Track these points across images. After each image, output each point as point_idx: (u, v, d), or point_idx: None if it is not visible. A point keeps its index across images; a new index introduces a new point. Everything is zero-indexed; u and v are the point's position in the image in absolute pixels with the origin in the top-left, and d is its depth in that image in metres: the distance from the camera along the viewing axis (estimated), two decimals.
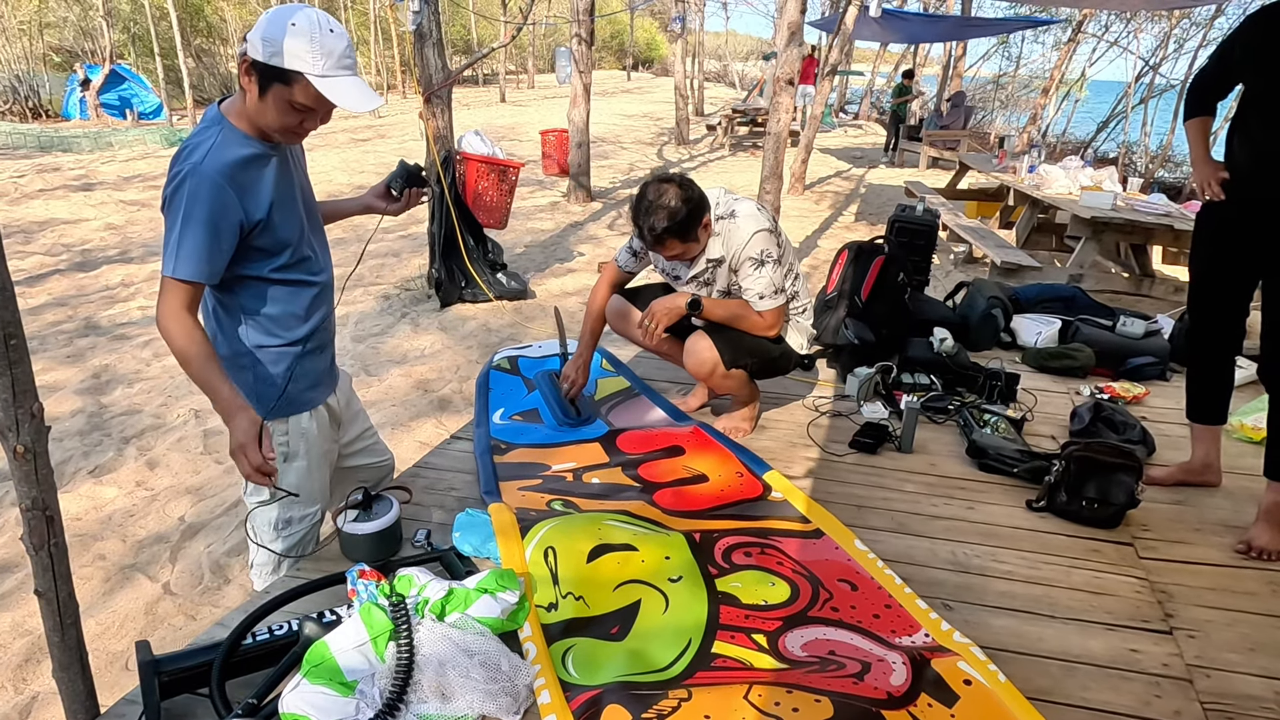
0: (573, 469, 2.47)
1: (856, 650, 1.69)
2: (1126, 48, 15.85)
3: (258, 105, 1.60)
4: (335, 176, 10.71)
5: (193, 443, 3.62)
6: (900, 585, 1.91)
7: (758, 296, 2.49)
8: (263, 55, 1.54)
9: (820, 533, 2.13)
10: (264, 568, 1.99)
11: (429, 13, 5.04)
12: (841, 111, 25.92)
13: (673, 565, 1.94)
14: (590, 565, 1.90)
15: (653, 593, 1.85)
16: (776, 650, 1.69)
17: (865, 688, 1.56)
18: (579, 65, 8.82)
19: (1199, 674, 1.76)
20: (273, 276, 1.73)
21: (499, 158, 5.57)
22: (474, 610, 1.68)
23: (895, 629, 1.77)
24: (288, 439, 1.87)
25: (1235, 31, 2.36)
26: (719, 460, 2.51)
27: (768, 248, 2.46)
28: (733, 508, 2.26)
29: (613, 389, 3.08)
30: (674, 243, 2.39)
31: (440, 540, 2.10)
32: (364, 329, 5.18)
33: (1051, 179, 5.96)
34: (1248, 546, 2.23)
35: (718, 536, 2.08)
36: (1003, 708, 1.53)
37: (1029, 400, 3.12)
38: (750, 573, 1.95)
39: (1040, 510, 2.38)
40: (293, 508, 1.93)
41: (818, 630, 1.76)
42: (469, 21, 31.34)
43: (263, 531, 1.93)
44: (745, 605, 1.83)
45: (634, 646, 1.70)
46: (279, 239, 1.70)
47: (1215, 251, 2.41)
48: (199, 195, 1.54)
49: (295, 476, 1.89)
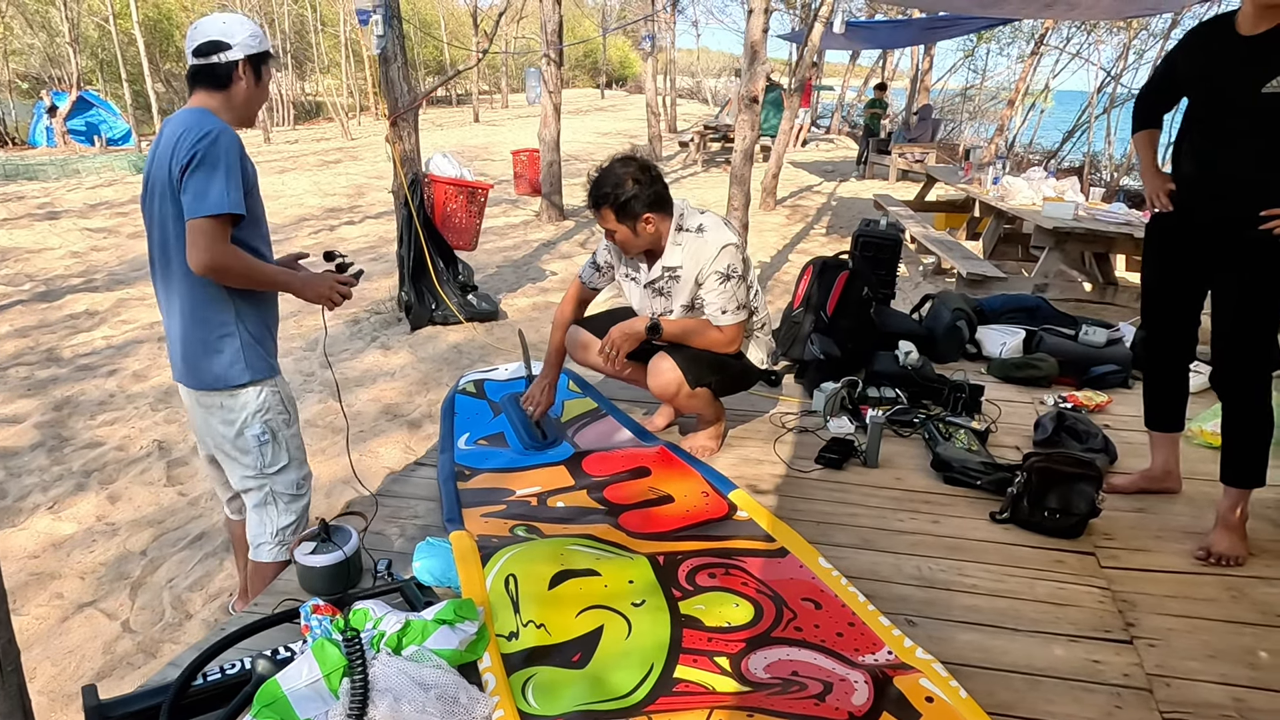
0: (537, 493, 2.45)
1: (819, 670, 1.68)
2: (1088, 59, 16.14)
3: (254, 93, 1.96)
4: (306, 200, 10.66)
5: (156, 474, 3.56)
6: (864, 603, 1.90)
7: (720, 311, 2.49)
8: (256, 46, 1.93)
9: (785, 551, 2.13)
10: (285, 532, 2.14)
11: (393, 36, 5.04)
12: (814, 126, 26.18)
13: (636, 589, 1.92)
14: (552, 592, 1.88)
15: (615, 618, 1.83)
16: (739, 672, 1.68)
17: (826, 709, 1.55)
18: (548, 85, 8.86)
19: (1159, 683, 1.77)
20: (249, 242, 1.94)
21: (467, 179, 5.56)
22: (431, 642, 1.66)
23: (858, 647, 1.76)
24: (283, 402, 2.09)
25: (1177, 46, 2.40)
26: (685, 480, 2.50)
27: (734, 263, 2.47)
28: (697, 528, 2.25)
29: (579, 410, 3.06)
30: (609, 214, 2.41)
31: (401, 569, 2.07)
32: (333, 352, 5.13)
33: (1015, 190, 6.05)
34: (1207, 553, 2.26)
35: (682, 558, 2.07)
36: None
37: (993, 411, 3.15)
38: (714, 594, 1.93)
39: (1004, 522, 2.39)
40: (303, 465, 2.17)
41: (781, 651, 1.75)
42: (441, 43, 31.42)
43: (282, 496, 2.12)
44: (708, 628, 1.81)
45: (595, 673, 1.68)
46: (254, 208, 1.95)
47: (1164, 261, 2.45)
48: (232, 146, 1.83)
49: (297, 439, 2.15)
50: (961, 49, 20.22)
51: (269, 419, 2.03)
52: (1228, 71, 2.17)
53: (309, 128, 23.58)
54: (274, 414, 2.04)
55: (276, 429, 2.05)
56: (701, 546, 2.14)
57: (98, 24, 19.19)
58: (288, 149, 17.22)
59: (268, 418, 2.03)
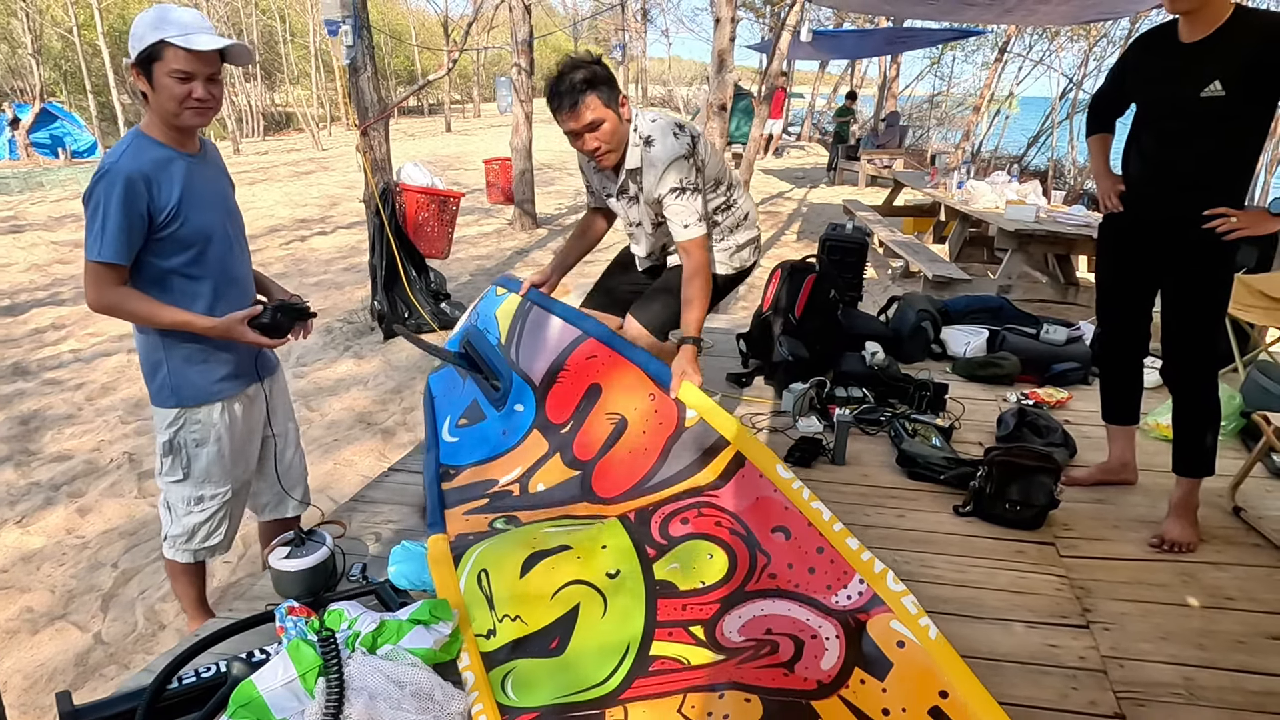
0: (519, 477, 2.43)
1: (793, 624, 1.68)
2: (1051, 66, 16.49)
3: (155, 98, 1.84)
4: (277, 211, 10.59)
5: (127, 486, 3.54)
6: (829, 521, 1.83)
7: (682, 226, 2.43)
8: (136, 48, 1.80)
9: (742, 459, 2.03)
10: (177, 539, 2.16)
11: (362, 47, 5.05)
12: (785, 134, 26.42)
13: (609, 555, 1.92)
14: (524, 580, 1.89)
15: (591, 594, 1.85)
16: (714, 640, 1.70)
17: (795, 679, 1.58)
18: (519, 94, 8.89)
19: (1113, 665, 1.84)
20: (184, 270, 1.93)
21: (438, 188, 5.58)
22: (406, 641, 1.68)
23: (830, 583, 1.73)
24: (200, 427, 2.07)
25: (1125, 54, 2.50)
26: (632, 387, 2.38)
27: (684, 176, 2.41)
28: (661, 467, 2.17)
29: (509, 315, 2.94)
30: (594, 100, 2.27)
31: (375, 573, 2.09)
32: (306, 362, 5.12)
33: (979, 194, 6.18)
34: (1161, 540, 2.34)
35: (653, 510, 2.06)
36: (934, 671, 1.49)
37: (957, 409, 3.22)
38: (688, 545, 1.91)
39: (967, 515, 2.46)
40: (204, 486, 2.13)
41: (755, 606, 1.75)
42: (413, 52, 31.34)
43: (177, 506, 2.14)
44: (683, 592, 1.82)
45: (573, 660, 1.71)
46: (189, 234, 1.91)
47: (1116, 261, 2.54)
48: (113, 188, 1.78)
49: (205, 461, 2.10)
50: (928, 57, 20.57)
51: (178, 436, 2.07)
52: (1170, 77, 2.26)
53: (279, 139, 23.42)
54: (184, 434, 2.06)
55: (182, 445, 2.07)
56: (670, 494, 2.10)
57: (61, 35, 18.93)
58: (258, 160, 17.10)
59: (177, 435, 2.07)
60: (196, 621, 2.27)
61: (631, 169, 2.46)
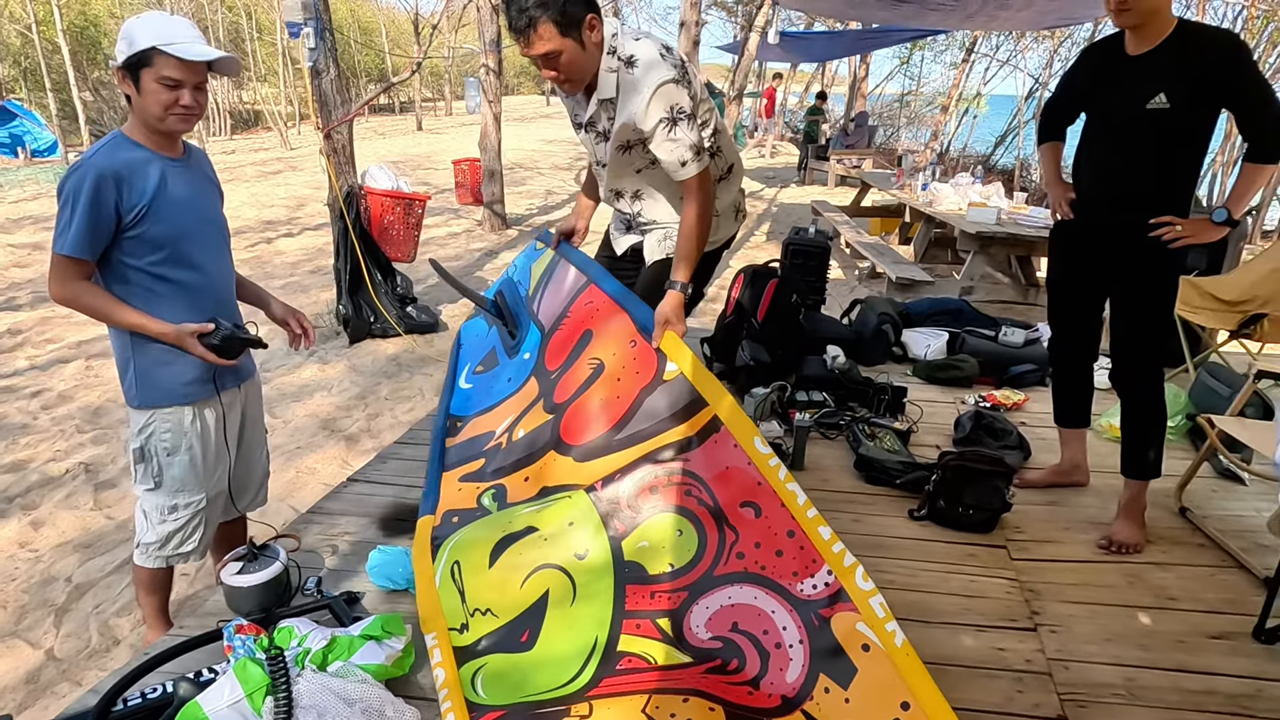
0: (509, 425, 2.41)
1: (758, 619, 1.66)
2: (1017, 66, 16.72)
3: (140, 102, 1.87)
4: (243, 212, 10.44)
5: (83, 498, 3.48)
6: (804, 506, 1.74)
7: (679, 164, 2.11)
8: (125, 52, 1.83)
9: (718, 422, 1.92)
10: (150, 546, 2.14)
11: (325, 49, 5.01)
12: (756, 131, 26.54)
13: (576, 534, 1.90)
14: (493, 569, 1.90)
15: (559, 578, 1.85)
16: (681, 636, 1.71)
17: (760, 697, 1.58)
18: (488, 95, 8.85)
19: (1058, 667, 1.88)
20: (153, 270, 1.94)
21: (404, 191, 5.54)
22: (358, 657, 1.68)
23: (798, 570, 1.67)
24: (170, 435, 2.06)
25: (1074, 64, 2.54)
26: (616, 333, 2.29)
27: (678, 101, 2.05)
28: (630, 419, 2.08)
29: (540, 268, 2.93)
30: (548, 29, 1.97)
31: (331, 587, 2.08)
32: (269, 367, 5.06)
33: (942, 196, 6.25)
34: (1109, 542, 2.39)
35: (619, 476, 1.97)
36: (897, 680, 1.46)
37: (916, 412, 3.27)
38: (658, 520, 1.88)
39: (921, 519, 2.49)
40: (178, 495, 2.11)
41: (723, 595, 1.72)
42: (383, 50, 31.06)
43: (151, 514, 2.13)
44: (652, 577, 1.81)
45: (543, 655, 1.74)
46: (159, 235, 1.92)
47: (1066, 266, 2.59)
48: (83, 183, 1.81)
49: (178, 470, 2.09)
50: (897, 56, 20.76)
51: (148, 443, 2.06)
52: (1116, 89, 2.32)
53: (246, 137, 23.09)
54: (155, 440, 2.05)
55: (152, 454, 2.06)
56: (638, 454, 2.00)
57: (19, 32, 18.52)
58: (224, 160, 16.83)
59: (148, 442, 2.06)
60: (156, 632, 2.24)
61: (605, 99, 2.14)
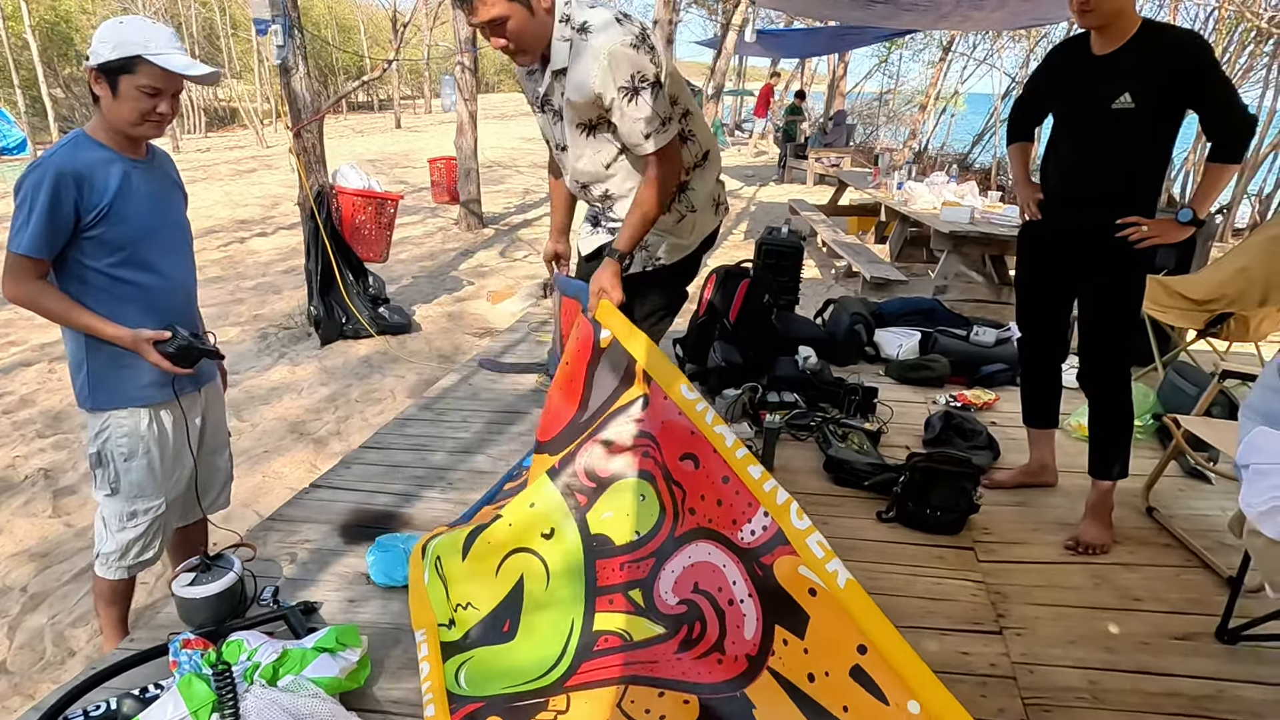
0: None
1: (713, 575, 1.63)
2: (994, 65, 16.83)
3: (114, 105, 1.83)
4: (216, 211, 10.31)
5: (41, 505, 3.40)
6: (731, 448, 1.66)
7: (641, 136, 1.91)
8: (107, 54, 1.77)
9: (648, 377, 1.86)
10: (110, 556, 2.08)
11: (293, 46, 4.93)
12: (738, 130, 26.59)
13: (539, 515, 1.88)
14: (466, 561, 1.93)
15: (531, 561, 1.86)
16: (653, 605, 1.71)
17: (728, 663, 1.55)
18: (464, 93, 8.78)
19: (1023, 670, 1.87)
20: (111, 272, 1.89)
21: (376, 190, 5.47)
22: (310, 670, 1.64)
23: (736, 517, 1.61)
24: (127, 440, 2.00)
25: (1041, 64, 2.54)
26: (575, 324, 2.20)
27: (640, 68, 1.86)
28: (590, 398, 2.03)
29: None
30: None
31: (289, 596, 2.04)
32: (239, 369, 4.98)
33: (917, 195, 6.26)
34: (1076, 543, 2.39)
35: (577, 451, 1.92)
36: (849, 623, 1.38)
37: (886, 413, 3.26)
38: (620, 486, 1.82)
39: (890, 521, 2.48)
40: (137, 502, 2.05)
41: (684, 555, 1.69)
42: (362, 47, 30.80)
43: (111, 522, 2.07)
44: (620, 548, 1.79)
45: (524, 644, 1.78)
46: (118, 236, 1.88)
47: (1034, 267, 2.59)
48: (42, 181, 1.78)
49: (136, 475, 2.03)
50: (876, 55, 20.83)
51: (104, 448, 2.01)
52: (1082, 89, 2.31)
53: (222, 135, 22.83)
54: (111, 444, 2.00)
55: (109, 458, 2.01)
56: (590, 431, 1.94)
57: None
58: (199, 158, 16.64)
59: (104, 446, 2.01)
60: (113, 643, 2.19)
61: (558, 69, 1.95)
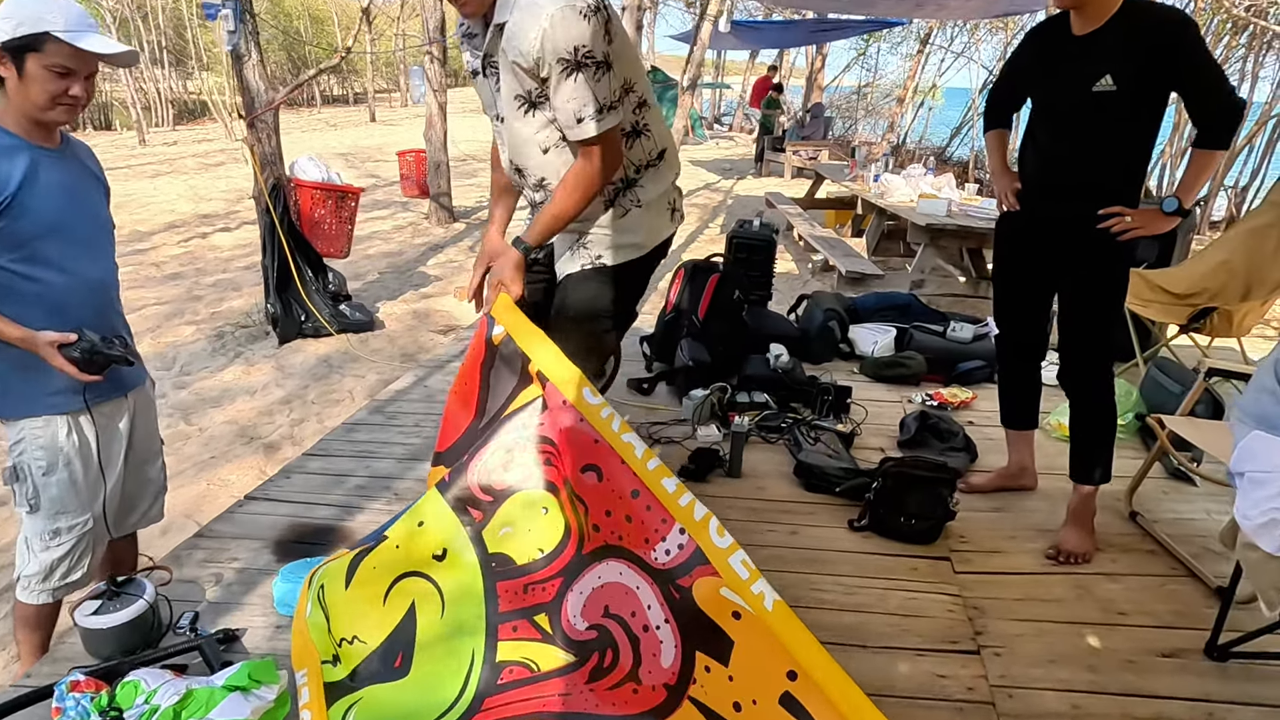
0: None
1: (625, 598, 1.50)
2: (971, 58, 16.78)
3: (20, 87, 1.67)
4: (179, 206, 10.05)
5: None
6: (643, 458, 1.52)
7: (574, 119, 1.70)
8: (10, 31, 1.62)
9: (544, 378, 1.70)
10: (32, 579, 1.91)
11: (245, 32, 4.72)
12: (716, 123, 26.46)
13: (429, 534, 1.71)
14: (350, 588, 1.74)
15: (423, 586, 1.69)
16: (561, 631, 1.56)
17: (644, 692, 1.43)
18: (432, 84, 8.57)
19: (1001, 695, 1.74)
20: (13, 267, 1.73)
21: (335, 183, 5.28)
22: (219, 712, 1.49)
23: (649, 535, 1.48)
24: (44, 452, 1.84)
25: (1018, 47, 2.41)
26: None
27: (583, 42, 1.64)
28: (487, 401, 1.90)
29: None
30: None
31: (209, 623, 1.87)
32: (190, 370, 4.78)
33: (893, 188, 6.15)
34: (1057, 551, 2.27)
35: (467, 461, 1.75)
36: (777, 648, 1.26)
37: (860, 413, 3.13)
38: (518, 499, 1.67)
39: (862, 529, 2.35)
40: (59, 519, 1.89)
41: (593, 575, 1.56)
42: (335, 38, 30.33)
43: (33, 541, 1.91)
44: (522, 569, 1.63)
45: (419, 680, 1.59)
46: (23, 230, 1.72)
47: (1013, 261, 2.46)
48: None
49: (56, 490, 1.87)
50: (854, 48, 20.74)
51: (20, 461, 1.84)
52: (1061, 71, 2.18)
53: (191, 128, 22.38)
54: (28, 457, 1.83)
55: (26, 473, 1.84)
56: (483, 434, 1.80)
57: None
58: (165, 151, 16.26)
59: (20, 459, 1.83)
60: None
61: (500, 23, 1.71)
